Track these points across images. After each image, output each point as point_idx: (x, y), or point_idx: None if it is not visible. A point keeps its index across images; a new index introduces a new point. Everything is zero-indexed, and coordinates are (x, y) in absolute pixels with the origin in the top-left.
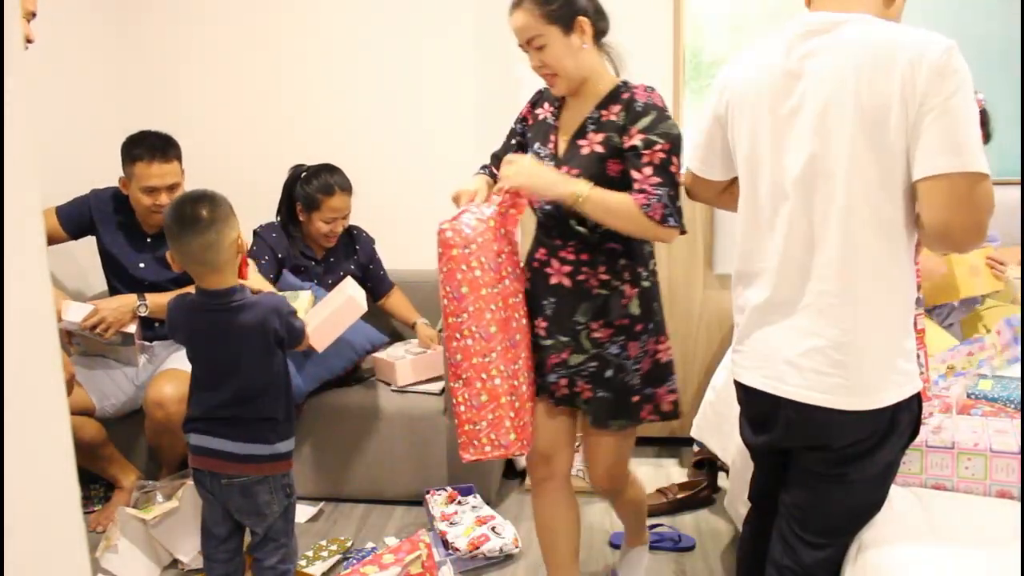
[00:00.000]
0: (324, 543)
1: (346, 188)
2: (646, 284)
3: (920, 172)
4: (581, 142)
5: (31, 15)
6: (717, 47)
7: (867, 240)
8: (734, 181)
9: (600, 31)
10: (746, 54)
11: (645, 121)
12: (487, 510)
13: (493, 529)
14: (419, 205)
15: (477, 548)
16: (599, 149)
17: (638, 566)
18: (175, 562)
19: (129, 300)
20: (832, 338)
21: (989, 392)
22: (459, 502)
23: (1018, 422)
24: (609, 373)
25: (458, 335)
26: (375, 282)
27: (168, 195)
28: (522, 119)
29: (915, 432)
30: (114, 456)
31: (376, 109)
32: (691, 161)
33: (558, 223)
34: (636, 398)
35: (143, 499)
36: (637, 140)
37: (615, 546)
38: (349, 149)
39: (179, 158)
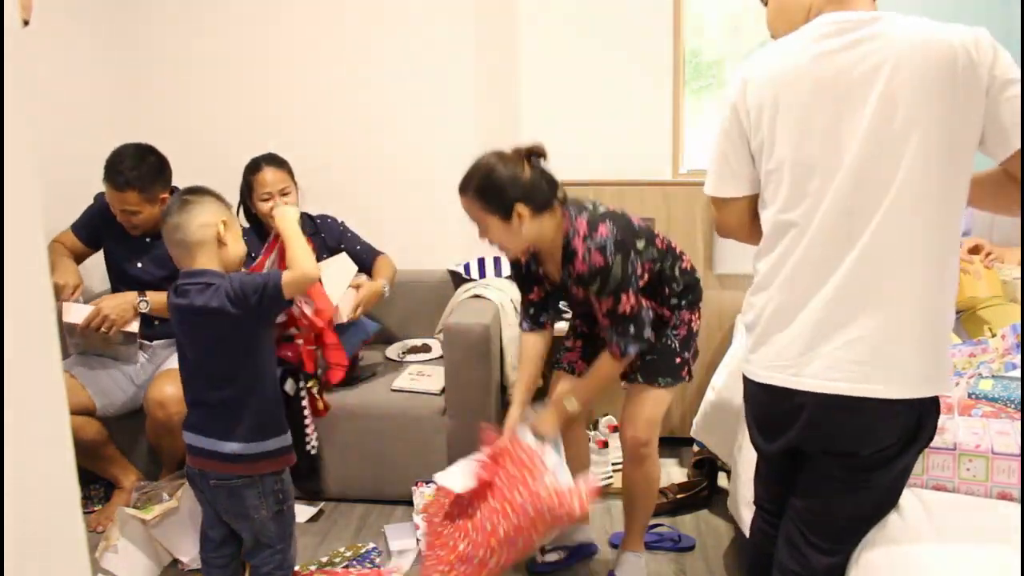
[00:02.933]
0: (342, 549)
1: (274, 162)
2: (678, 289)
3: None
4: (572, 291)
5: (24, 23)
6: (717, 47)
7: (918, 226)
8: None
9: (542, 204)
10: (766, 51)
11: (594, 287)
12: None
13: None
14: (418, 205)
15: None
16: (582, 295)
17: (635, 573)
18: (175, 562)
19: (129, 297)
20: (875, 328)
21: (989, 392)
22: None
23: (1019, 423)
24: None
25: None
26: (355, 258)
27: (126, 217)
28: (516, 264)
29: (932, 436)
30: (114, 456)
31: (374, 109)
32: (709, 186)
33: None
34: (679, 359)
35: (143, 499)
36: (592, 294)
37: (614, 546)
38: (347, 149)
39: (141, 189)
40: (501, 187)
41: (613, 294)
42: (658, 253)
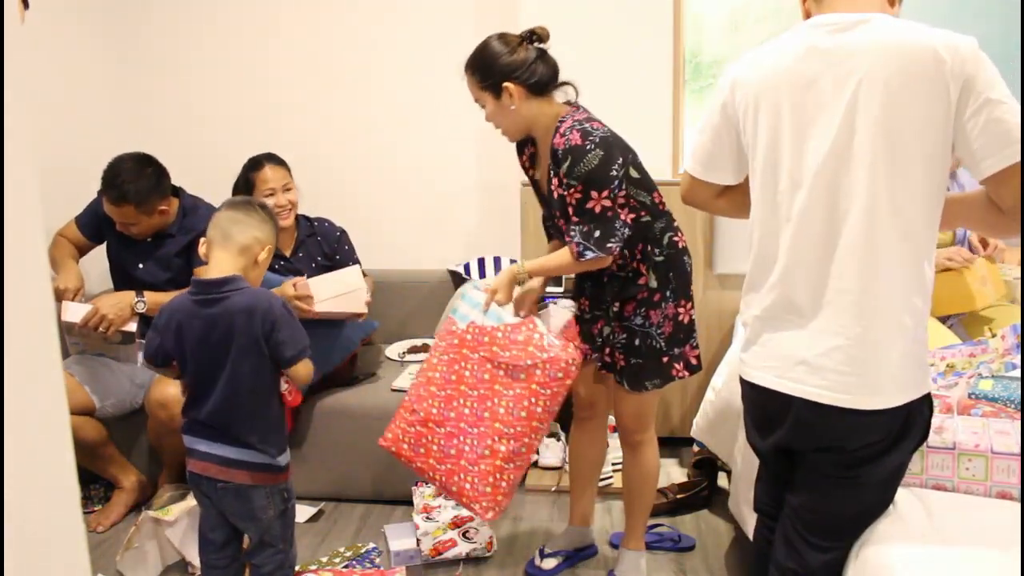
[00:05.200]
0: (342, 549)
1: (275, 160)
2: (659, 259)
3: (999, 163)
4: (550, 187)
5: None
6: (717, 47)
7: (887, 237)
8: (729, 186)
9: (535, 85)
10: (756, 51)
11: (565, 166)
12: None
13: (464, 534)
14: (418, 206)
15: (439, 554)
16: (559, 192)
17: (635, 572)
18: (179, 563)
19: (127, 297)
20: (854, 337)
21: (989, 392)
22: (445, 496)
23: (1019, 423)
24: (637, 342)
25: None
26: None
27: (125, 227)
28: (531, 180)
29: (926, 434)
30: (114, 456)
31: (375, 110)
32: (690, 165)
33: None
34: (666, 359)
35: (168, 500)
36: (563, 186)
37: (614, 546)
38: (348, 150)
39: (138, 203)
40: (492, 63)
41: (584, 184)
42: (650, 204)
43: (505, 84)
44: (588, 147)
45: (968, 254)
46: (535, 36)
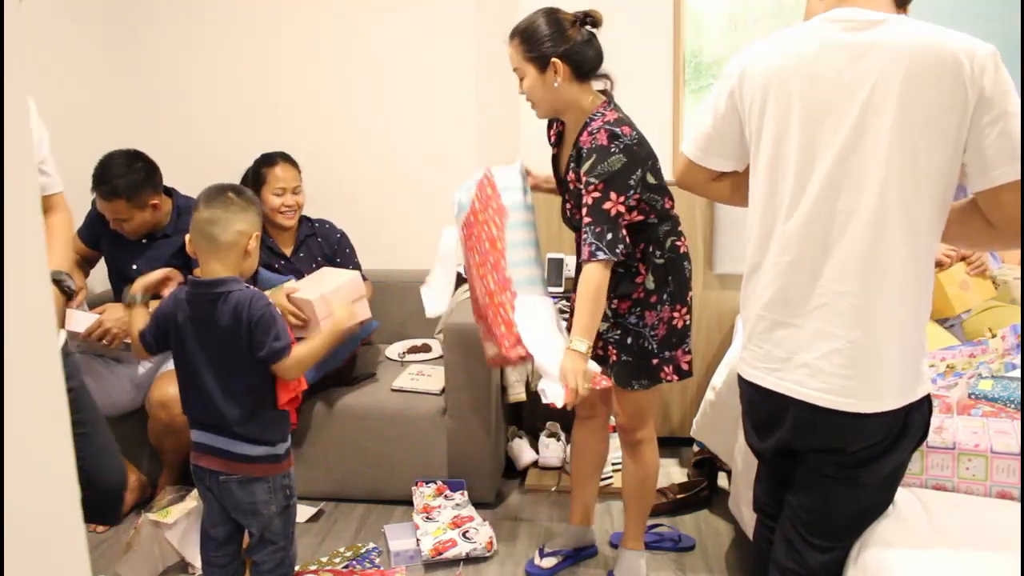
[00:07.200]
0: (342, 549)
1: (289, 160)
2: (659, 261)
3: (1000, 178)
4: (570, 176)
5: None
6: (717, 47)
7: (894, 240)
8: (726, 172)
9: (580, 69)
10: (768, 41)
11: (587, 164)
12: (469, 510)
13: (464, 534)
14: (418, 206)
15: (439, 554)
16: (576, 185)
17: (635, 572)
18: (179, 564)
19: None
20: (855, 340)
21: (989, 392)
22: (446, 496)
23: (1019, 423)
24: (629, 340)
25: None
26: None
27: (118, 224)
28: (553, 158)
29: (925, 434)
30: None
31: (375, 110)
32: (689, 148)
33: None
34: (656, 360)
35: (168, 503)
36: (582, 182)
37: (614, 546)
38: (348, 150)
39: (129, 197)
40: (543, 37)
41: (604, 183)
42: (660, 208)
43: (554, 60)
44: (613, 150)
45: (946, 248)
46: (589, 19)
